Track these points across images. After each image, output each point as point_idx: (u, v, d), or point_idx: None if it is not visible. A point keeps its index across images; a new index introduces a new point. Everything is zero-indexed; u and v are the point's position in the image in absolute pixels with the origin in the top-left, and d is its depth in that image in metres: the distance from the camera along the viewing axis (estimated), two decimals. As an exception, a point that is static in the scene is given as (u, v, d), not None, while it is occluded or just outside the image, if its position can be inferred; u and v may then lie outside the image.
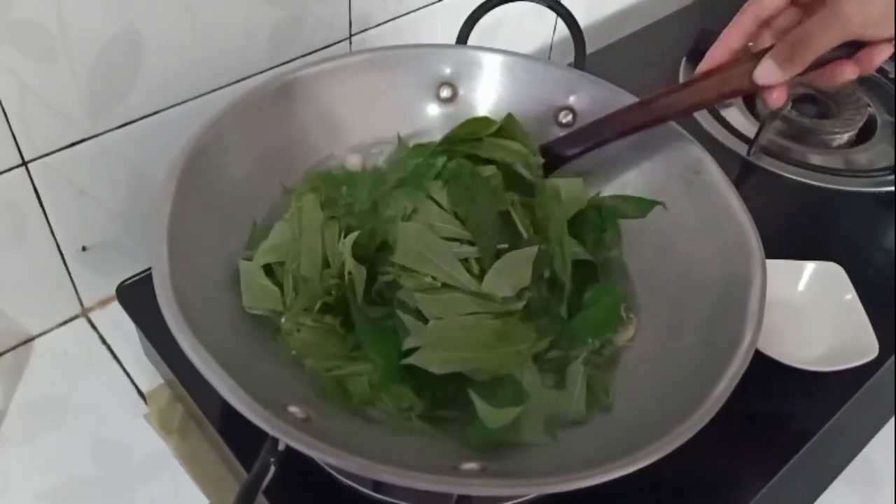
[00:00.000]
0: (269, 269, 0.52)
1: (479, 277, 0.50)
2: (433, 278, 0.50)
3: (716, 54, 0.50)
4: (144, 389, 0.64)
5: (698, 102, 0.52)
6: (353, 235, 0.51)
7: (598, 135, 0.57)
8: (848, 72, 0.48)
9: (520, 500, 0.51)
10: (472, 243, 0.51)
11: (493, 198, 0.53)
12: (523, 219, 0.54)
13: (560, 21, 0.68)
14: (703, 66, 0.51)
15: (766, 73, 0.47)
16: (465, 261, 0.50)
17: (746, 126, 0.86)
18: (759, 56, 0.48)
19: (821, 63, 0.48)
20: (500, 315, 0.50)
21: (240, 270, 0.52)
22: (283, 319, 0.51)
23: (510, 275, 0.50)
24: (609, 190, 0.62)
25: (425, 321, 0.49)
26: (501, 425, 0.46)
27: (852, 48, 0.48)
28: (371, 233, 0.52)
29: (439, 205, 0.53)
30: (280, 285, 0.52)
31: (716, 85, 0.51)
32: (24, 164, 0.57)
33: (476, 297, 0.50)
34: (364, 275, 0.50)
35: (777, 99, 0.49)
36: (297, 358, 0.50)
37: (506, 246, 0.52)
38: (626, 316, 0.54)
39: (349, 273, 0.50)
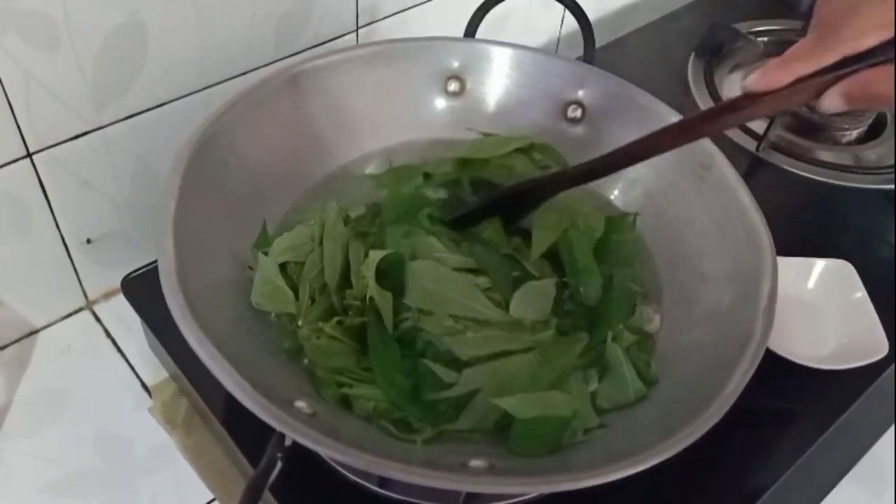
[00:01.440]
0: (282, 268, 0.52)
1: (501, 308, 0.50)
2: (454, 318, 0.49)
3: (782, 79, 0.44)
4: (149, 383, 0.63)
5: (742, 122, 0.48)
6: (377, 257, 0.50)
7: (633, 156, 0.52)
8: None
9: (527, 497, 0.51)
10: (482, 272, 0.51)
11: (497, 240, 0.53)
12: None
13: (568, 14, 0.67)
14: (766, 86, 0.44)
15: (834, 106, 0.43)
16: (484, 291, 0.50)
17: (756, 122, 0.85)
18: (823, 83, 0.43)
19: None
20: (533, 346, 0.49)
21: (257, 262, 0.51)
22: (299, 323, 0.50)
23: (534, 299, 0.50)
24: (619, 186, 0.61)
25: (456, 367, 0.48)
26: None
27: None
28: (396, 259, 0.51)
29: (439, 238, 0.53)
30: (295, 288, 0.51)
31: (769, 110, 0.45)
32: (29, 155, 0.57)
33: (506, 328, 0.49)
34: (390, 302, 0.49)
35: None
36: (309, 367, 0.49)
37: (518, 273, 0.52)
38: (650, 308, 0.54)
39: (370, 299, 0.49)
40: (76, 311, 0.68)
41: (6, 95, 0.53)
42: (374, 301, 0.49)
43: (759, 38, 0.95)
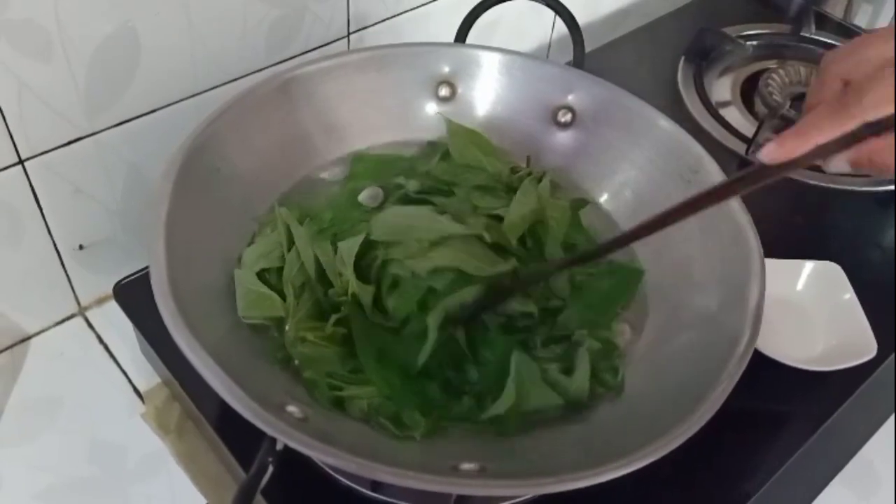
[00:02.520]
0: (261, 277, 0.52)
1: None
2: (419, 241, 0.51)
3: (800, 149, 0.41)
4: (141, 389, 0.63)
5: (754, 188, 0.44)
6: (349, 249, 0.51)
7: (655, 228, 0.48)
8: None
9: (518, 499, 0.51)
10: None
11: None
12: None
13: (558, 19, 0.68)
14: (783, 157, 0.41)
15: (839, 169, 0.42)
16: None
17: (745, 125, 0.86)
18: (833, 146, 0.41)
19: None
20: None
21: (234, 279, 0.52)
22: (286, 327, 0.50)
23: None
24: (609, 190, 0.62)
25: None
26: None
27: None
28: (368, 244, 0.52)
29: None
30: (279, 291, 0.51)
31: (782, 174, 0.42)
32: (21, 162, 0.57)
33: (467, 244, 0.52)
34: (371, 294, 0.51)
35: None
36: (299, 368, 0.49)
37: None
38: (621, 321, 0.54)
39: (352, 295, 0.50)
40: (68, 318, 0.68)
41: (-2, 103, 0.53)
42: (355, 296, 0.50)
43: (748, 42, 0.95)
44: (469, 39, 0.68)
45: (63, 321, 0.68)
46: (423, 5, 0.77)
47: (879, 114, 0.39)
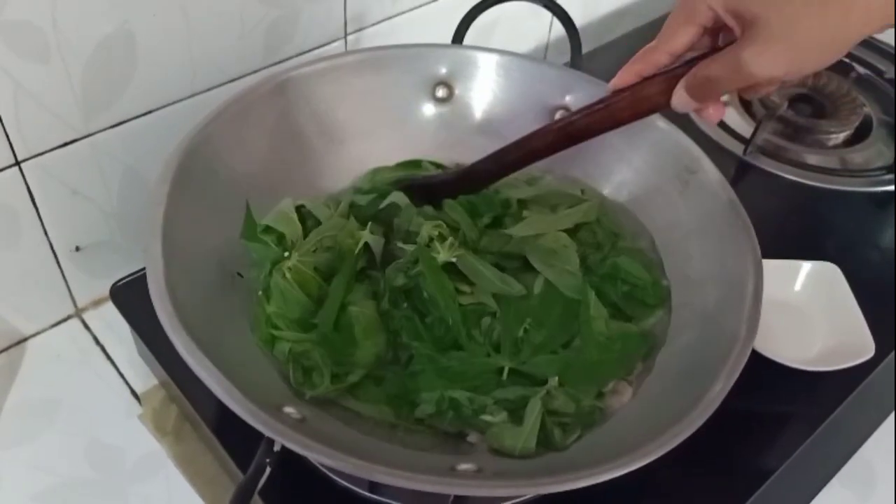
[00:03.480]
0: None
1: None
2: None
3: (626, 78, 0.49)
4: (138, 390, 0.63)
5: (616, 123, 0.51)
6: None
7: (512, 159, 0.56)
8: (719, 115, 0.48)
9: (516, 500, 0.51)
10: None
11: None
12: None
13: (556, 20, 0.68)
14: (615, 84, 0.49)
15: (682, 102, 0.46)
16: None
17: (742, 126, 0.86)
18: (671, 76, 0.47)
19: None
20: None
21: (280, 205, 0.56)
22: (286, 255, 0.53)
23: None
24: (606, 190, 0.62)
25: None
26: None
27: None
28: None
29: None
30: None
31: (632, 105, 0.49)
32: (17, 163, 0.57)
33: None
34: (381, 244, 0.54)
35: (714, 115, 0.47)
36: (263, 301, 0.51)
37: None
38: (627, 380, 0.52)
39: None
40: (65, 319, 0.68)
41: (-6, 104, 0.53)
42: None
43: (746, 43, 0.96)
44: (467, 41, 0.68)
45: (60, 323, 0.68)
46: (420, 6, 0.77)
47: (676, 46, 0.46)
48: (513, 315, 0.52)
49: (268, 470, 0.42)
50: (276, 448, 0.43)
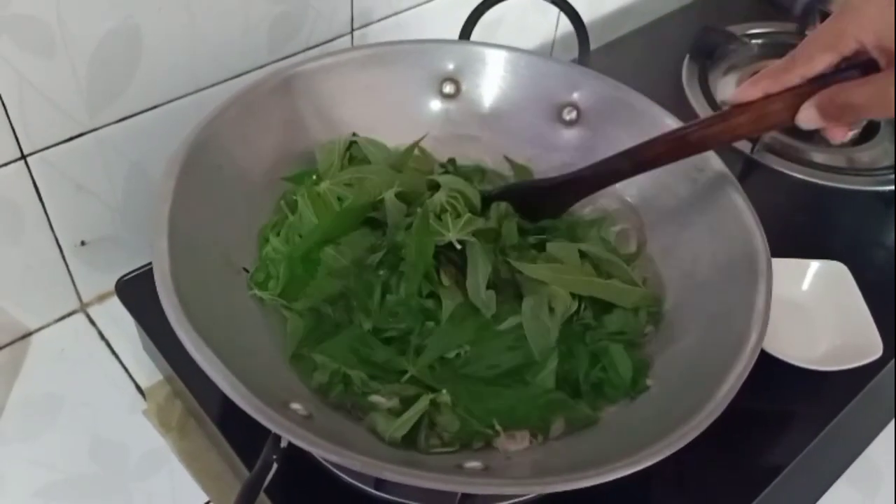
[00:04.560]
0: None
1: None
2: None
3: (750, 94, 0.48)
4: (143, 386, 0.63)
5: (733, 137, 0.50)
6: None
7: (616, 171, 0.55)
8: (844, 135, 0.48)
9: (522, 498, 0.50)
10: None
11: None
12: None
13: (563, 17, 0.67)
14: (737, 98, 0.49)
15: (810, 120, 0.46)
16: None
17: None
18: (797, 94, 0.47)
19: None
20: None
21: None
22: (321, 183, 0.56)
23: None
24: (615, 191, 0.61)
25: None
26: None
27: None
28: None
29: None
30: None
31: (753, 121, 0.48)
32: (23, 157, 0.57)
33: None
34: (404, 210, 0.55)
35: (839, 135, 0.47)
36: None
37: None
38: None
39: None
40: (70, 314, 0.68)
41: (0, 98, 0.53)
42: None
43: (753, 41, 0.95)
44: (473, 36, 0.67)
45: (64, 318, 0.68)
46: (427, 2, 0.76)
47: (811, 70, 0.46)
48: (459, 334, 0.50)
49: (274, 466, 0.42)
50: (283, 444, 0.42)
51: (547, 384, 0.49)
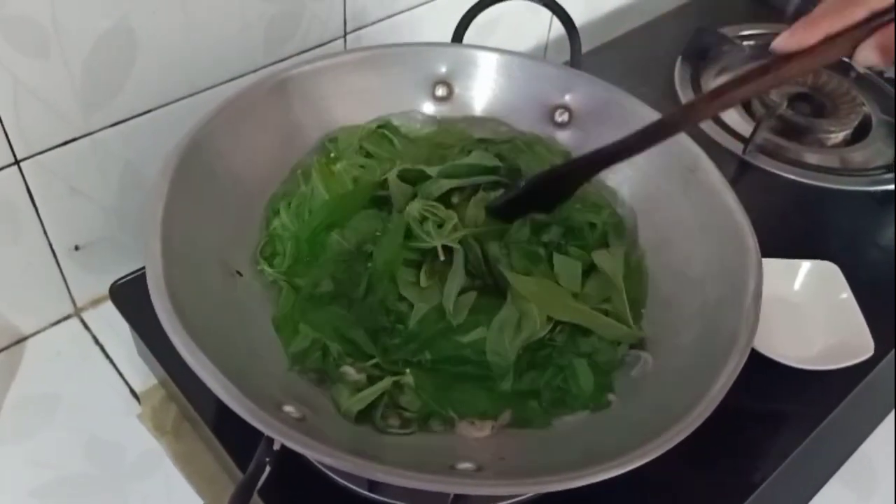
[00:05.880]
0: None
1: None
2: None
3: (809, 38, 0.42)
4: (138, 389, 0.63)
5: (776, 87, 0.46)
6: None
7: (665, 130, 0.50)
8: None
9: (516, 499, 0.51)
10: None
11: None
12: None
13: (556, 19, 0.67)
14: (794, 45, 0.43)
15: (867, 58, 0.42)
16: None
17: (742, 125, 0.86)
18: (853, 39, 0.42)
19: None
20: None
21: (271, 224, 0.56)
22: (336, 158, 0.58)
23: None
24: (605, 189, 0.61)
25: None
26: None
27: None
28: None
29: None
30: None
31: (803, 69, 0.43)
32: (17, 162, 0.57)
33: None
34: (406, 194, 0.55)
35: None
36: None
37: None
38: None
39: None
40: (65, 318, 0.68)
41: (-6, 102, 0.53)
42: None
43: (745, 43, 0.96)
44: (467, 39, 0.68)
45: (59, 322, 0.68)
46: (420, 5, 0.77)
47: (884, 2, 0.40)
48: (423, 340, 0.50)
49: (267, 469, 0.42)
50: (276, 447, 0.42)
51: (504, 388, 0.50)
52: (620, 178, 0.61)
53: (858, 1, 0.41)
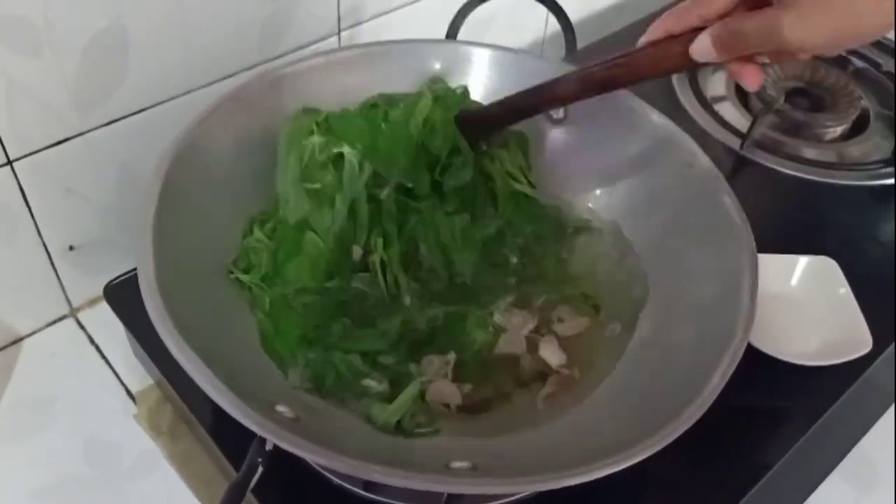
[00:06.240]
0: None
1: None
2: None
3: (653, 33, 0.49)
4: (134, 390, 0.63)
5: (636, 77, 0.51)
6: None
7: (530, 104, 0.56)
8: (755, 81, 0.47)
9: (511, 498, 0.50)
10: None
11: None
12: None
13: (552, 15, 0.67)
14: (642, 39, 0.50)
15: (702, 50, 0.46)
16: None
17: (739, 120, 0.85)
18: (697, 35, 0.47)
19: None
20: None
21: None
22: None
23: None
24: (602, 185, 0.61)
25: None
26: None
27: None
28: None
29: None
30: None
31: (654, 61, 0.49)
32: (10, 162, 0.57)
33: None
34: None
35: (750, 79, 0.47)
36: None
37: None
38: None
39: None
40: (60, 319, 0.68)
41: (-14, 101, 0.53)
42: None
43: (743, 37, 0.95)
44: (463, 35, 0.67)
45: (54, 323, 0.68)
46: (414, 2, 0.76)
47: (711, 11, 0.45)
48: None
49: (260, 469, 0.42)
50: (269, 447, 0.42)
51: None
52: (615, 175, 0.60)
53: (692, 9, 0.46)
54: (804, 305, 0.64)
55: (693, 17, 0.46)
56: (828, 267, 0.64)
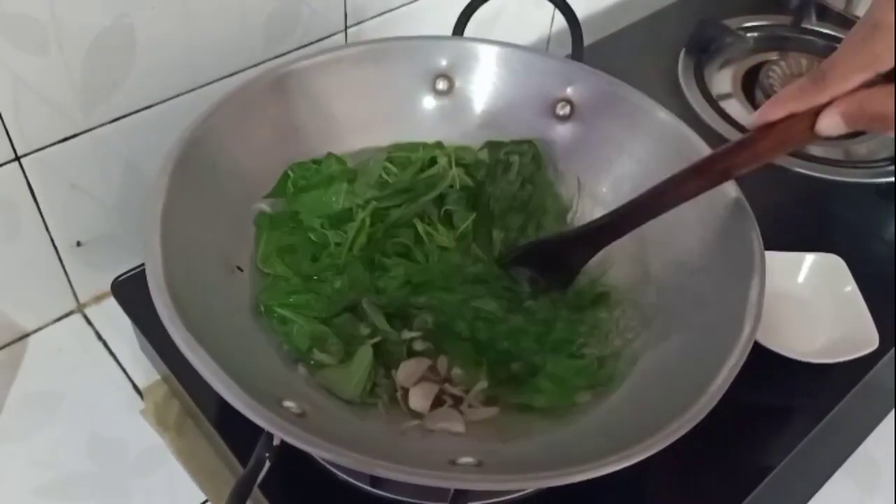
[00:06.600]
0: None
1: None
2: None
3: (774, 113, 0.46)
4: (140, 385, 0.63)
5: (759, 162, 0.48)
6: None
7: (649, 211, 0.52)
8: None
9: (517, 494, 0.51)
10: None
11: None
12: None
13: (558, 12, 0.67)
14: (761, 119, 0.47)
15: (832, 127, 0.44)
16: None
17: (746, 117, 0.85)
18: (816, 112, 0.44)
19: None
20: None
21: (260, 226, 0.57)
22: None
23: None
24: (608, 183, 0.61)
25: None
26: None
27: None
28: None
29: None
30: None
31: (778, 143, 0.46)
32: (17, 158, 0.57)
33: None
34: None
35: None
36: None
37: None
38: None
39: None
40: (67, 314, 0.68)
41: (-7, 98, 0.53)
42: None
43: (749, 34, 0.95)
44: (469, 32, 0.67)
45: (62, 318, 0.68)
46: (420, -2, 0.76)
47: (844, 88, 0.43)
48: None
49: (267, 464, 0.42)
50: (276, 442, 0.42)
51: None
52: (621, 172, 0.60)
53: (823, 87, 0.43)
54: (810, 303, 0.64)
55: (824, 97, 0.44)
56: (834, 264, 0.64)
